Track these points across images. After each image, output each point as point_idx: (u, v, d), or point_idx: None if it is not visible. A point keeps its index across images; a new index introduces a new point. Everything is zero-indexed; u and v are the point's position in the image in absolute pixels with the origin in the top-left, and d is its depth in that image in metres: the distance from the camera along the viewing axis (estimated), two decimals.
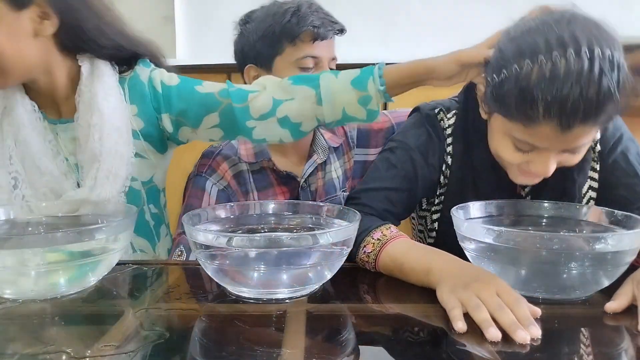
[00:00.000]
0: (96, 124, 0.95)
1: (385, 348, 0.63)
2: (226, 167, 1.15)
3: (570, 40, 0.73)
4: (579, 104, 0.72)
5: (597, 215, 0.85)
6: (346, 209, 0.84)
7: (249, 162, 1.16)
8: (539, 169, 0.82)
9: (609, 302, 0.70)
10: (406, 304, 0.76)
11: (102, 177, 0.96)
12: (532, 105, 0.74)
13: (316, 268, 0.73)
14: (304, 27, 1.10)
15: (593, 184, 0.94)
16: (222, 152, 1.17)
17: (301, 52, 1.12)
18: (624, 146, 0.93)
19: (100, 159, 0.96)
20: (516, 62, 0.76)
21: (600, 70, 0.71)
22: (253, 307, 0.72)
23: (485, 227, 0.75)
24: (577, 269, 0.70)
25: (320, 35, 1.11)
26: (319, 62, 1.13)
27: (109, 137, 0.96)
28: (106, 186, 0.96)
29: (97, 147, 0.95)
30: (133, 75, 1.03)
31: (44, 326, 0.67)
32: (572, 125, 0.74)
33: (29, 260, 0.71)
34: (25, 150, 0.96)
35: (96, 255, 0.76)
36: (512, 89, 0.76)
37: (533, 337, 0.62)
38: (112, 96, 0.98)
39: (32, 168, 0.96)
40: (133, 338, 0.62)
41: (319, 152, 1.20)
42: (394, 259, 0.81)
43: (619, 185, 0.92)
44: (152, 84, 1.02)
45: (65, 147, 1.00)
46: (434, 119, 0.99)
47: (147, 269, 0.89)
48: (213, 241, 0.72)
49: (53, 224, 0.90)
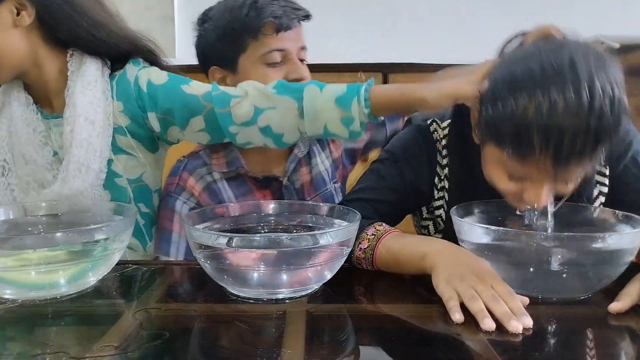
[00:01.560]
0: (69, 116, 0.96)
1: (385, 348, 0.63)
2: (193, 181, 1.08)
3: (569, 73, 0.69)
4: (576, 142, 0.69)
5: (597, 215, 0.85)
6: (346, 209, 0.84)
7: (222, 171, 1.09)
8: (532, 199, 0.79)
9: (613, 303, 0.70)
10: (406, 304, 0.76)
11: (73, 169, 0.95)
12: (528, 141, 0.71)
13: (316, 268, 0.73)
14: (264, 18, 1.01)
15: (603, 189, 0.93)
16: (187, 167, 1.09)
17: (266, 47, 1.03)
18: (635, 151, 0.92)
19: (70, 151, 0.95)
20: (512, 95, 0.72)
21: (600, 109, 0.69)
22: (253, 307, 0.72)
23: (485, 227, 0.75)
24: (577, 269, 0.70)
25: (283, 26, 1.02)
26: (287, 54, 1.05)
27: (81, 129, 0.95)
28: (77, 178, 0.95)
29: (67, 138, 0.96)
30: (122, 73, 1.03)
31: (44, 326, 0.67)
32: (568, 162, 0.72)
33: (29, 260, 0.71)
34: (15, 140, 0.99)
35: (96, 255, 0.76)
36: (507, 123, 0.73)
37: (525, 327, 0.64)
38: (90, 90, 0.98)
39: (19, 157, 0.99)
40: (133, 338, 0.62)
41: (299, 145, 1.12)
42: (390, 251, 0.82)
43: (629, 191, 0.91)
44: (137, 82, 1.01)
45: (56, 141, 1.01)
46: (426, 130, 0.98)
47: (147, 269, 0.89)
48: (213, 241, 0.72)
49: (53, 223, 0.90)
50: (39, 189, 0.98)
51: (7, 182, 0.99)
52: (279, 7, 1.03)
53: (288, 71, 1.05)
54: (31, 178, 0.98)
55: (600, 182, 0.93)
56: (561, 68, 0.70)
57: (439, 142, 0.97)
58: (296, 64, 1.06)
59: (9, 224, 0.87)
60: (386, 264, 0.83)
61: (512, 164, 0.77)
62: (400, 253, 0.81)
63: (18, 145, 0.99)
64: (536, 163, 0.73)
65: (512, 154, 0.75)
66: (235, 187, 1.10)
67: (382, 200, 0.95)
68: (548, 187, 0.79)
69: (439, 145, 0.97)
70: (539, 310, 0.70)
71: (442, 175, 0.97)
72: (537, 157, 0.72)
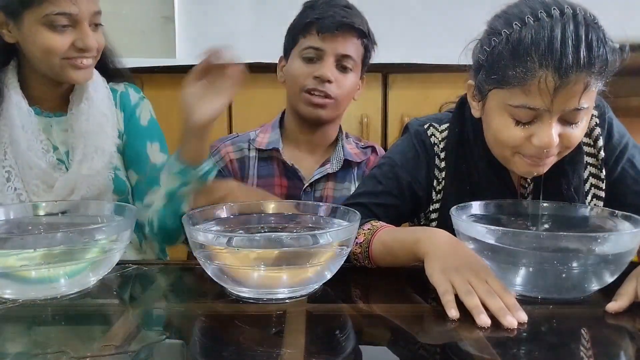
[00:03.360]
0: (84, 107, 1.09)
1: (385, 348, 0.64)
2: (230, 149, 1.21)
3: (554, 4, 0.77)
4: (572, 48, 0.74)
5: (597, 215, 0.85)
6: (346, 209, 0.84)
7: (260, 149, 1.19)
8: (543, 139, 0.79)
9: (611, 303, 0.70)
10: (406, 304, 0.76)
11: (91, 151, 1.08)
12: (527, 57, 0.76)
13: (316, 268, 0.73)
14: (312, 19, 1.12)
15: (599, 193, 0.94)
16: (234, 139, 1.23)
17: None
18: (630, 154, 0.93)
19: (87, 136, 1.08)
20: (505, 28, 0.79)
21: (585, 23, 0.76)
22: (253, 307, 0.72)
23: (485, 227, 0.75)
24: (576, 269, 0.70)
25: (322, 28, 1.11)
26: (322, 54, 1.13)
27: (95, 118, 1.09)
28: (95, 160, 1.08)
29: (84, 126, 1.08)
30: (125, 91, 1.18)
31: (44, 326, 0.67)
32: (568, 72, 0.75)
33: (30, 260, 0.71)
34: (17, 150, 1.05)
35: (96, 255, 0.76)
36: (505, 50, 0.79)
37: (520, 322, 0.65)
38: (99, 90, 1.12)
39: (23, 164, 1.05)
40: (133, 338, 0.62)
41: (333, 163, 1.20)
42: (385, 243, 0.83)
43: (629, 193, 0.92)
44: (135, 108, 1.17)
45: (57, 137, 1.09)
46: (423, 134, 0.99)
47: (147, 269, 0.89)
48: (213, 241, 0.73)
49: (53, 223, 0.90)
50: (49, 189, 1.06)
51: (14, 187, 1.05)
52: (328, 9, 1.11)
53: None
54: (39, 180, 1.06)
55: (595, 186, 0.93)
56: (547, 2, 0.78)
57: (437, 146, 0.97)
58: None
59: (9, 224, 0.88)
60: (381, 255, 0.84)
61: (515, 98, 0.80)
62: (395, 241, 0.83)
63: (21, 154, 1.05)
64: (538, 83, 0.76)
65: (514, 82, 0.78)
66: (264, 167, 1.20)
67: (379, 204, 0.95)
68: (555, 125, 0.80)
69: (436, 149, 0.97)
70: (538, 310, 0.70)
71: (440, 178, 0.97)
72: (538, 72, 0.76)
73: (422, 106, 1.64)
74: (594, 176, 0.94)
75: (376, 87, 1.82)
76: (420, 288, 0.77)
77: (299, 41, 1.15)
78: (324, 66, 1.12)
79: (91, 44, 1.03)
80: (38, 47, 1.01)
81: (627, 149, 0.93)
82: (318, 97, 1.13)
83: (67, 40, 1.01)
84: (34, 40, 1.01)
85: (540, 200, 0.90)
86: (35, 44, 1.01)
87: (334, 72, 1.13)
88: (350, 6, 1.16)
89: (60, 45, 1.00)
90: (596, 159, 0.93)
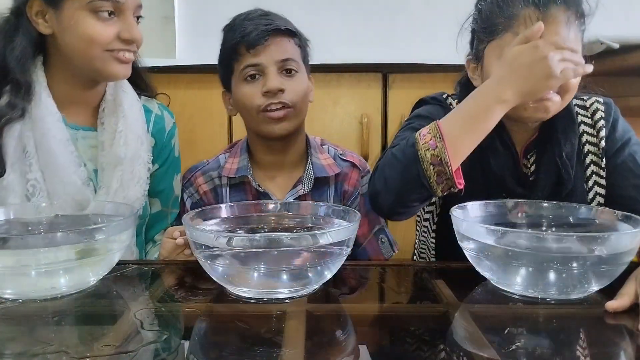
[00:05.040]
0: (121, 130, 1.02)
1: (385, 348, 0.63)
2: (202, 181, 1.17)
3: None
4: None
5: (597, 215, 0.85)
6: (346, 209, 0.84)
7: (229, 176, 1.15)
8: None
9: (610, 301, 0.70)
10: (406, 304, 0.76)
11: (127, 179, 1.03)
12: (510, 3, 0.87)
13: (316, 268, 0.73)
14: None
15: (599, 180, 0.96)
16: (203, 168, 1.19)
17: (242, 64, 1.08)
18: (633, 149, 0.96)
19: (125, 162, 1.02)
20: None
21: None
22: (253, 307, 0.72)
23: (485, 227, 0.75)
24: (577, 269, 0.70)
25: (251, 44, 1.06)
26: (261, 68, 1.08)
27: (133, 142, 1.04)
28: (131, 188, 1.03)
29: (122, 151, 1.02)
30: (160, 115, 1.14)
31: (44, 326, 0.67)
32: (548, 4, 0.84)
33: (29, 260, 0.71)
34: (48, 159, 0.97)
35: (96, 255, 0.76)
36: (491, 4, 0.90)
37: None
38: (135, 107, 1.07)
39: (55, 177, 0.97)
40: (133, 338, 0.62)
41: (305, 183, 1.14)
42: (455, 117, 0.86)
43: (628, 186, 0.95)
44: (171, 138, 1.16)
45: (84, 153, 1.03)
46: (442, 100, 1.03)
47: (147, 269, 0.89)
48: (213, 241, 0.73)
49: (53, 223, 0.90)
50: (77, 206, 0.95)
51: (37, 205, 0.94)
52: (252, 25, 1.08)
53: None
54: (69, 197, 0.97)
55: (596, 174, 0.96)
56: None
57: None
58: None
59: (9, 224, 0.87)
60: (459, 122, 0.84)
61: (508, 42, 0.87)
62: (466, 104, 0.85)
63: (54, 165, 0.97)
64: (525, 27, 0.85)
65: (503, 27, 0.88)
66: (236, 195, 1.16)
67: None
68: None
69: None
70: (539, 310, 0.70)
71: None
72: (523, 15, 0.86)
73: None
74: (595, 164, 0.98)
75: (376, 87, 1.83)
76: (420, 288, 0.77)
77: (233, 67, 1.10)
78: (268, 79, 1.07)
79: (137, 35, 0.98)
80: (80, 37, 0.94)
81: (629, 144, 0.97)
82: (276, 112, 1.08)
83: (112, 30, 0.95)
84: (75, 30, 0.93)
85: (540, 201, 0.90)
86: (76, 34, 0.94)
87: (281, 80, 1.08)
88: (268, 13, 1.12)
89: (106, 35, 0.94)
90: (597, 147, 0.97)
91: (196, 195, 1.18)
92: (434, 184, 0.84)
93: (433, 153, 0.83)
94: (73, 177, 0.98)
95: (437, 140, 0.83)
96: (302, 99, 1.11)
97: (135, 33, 0.97)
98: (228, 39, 1.11)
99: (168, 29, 2.02)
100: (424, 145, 0.84)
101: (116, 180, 1.01)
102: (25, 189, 0.96)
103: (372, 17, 2.03)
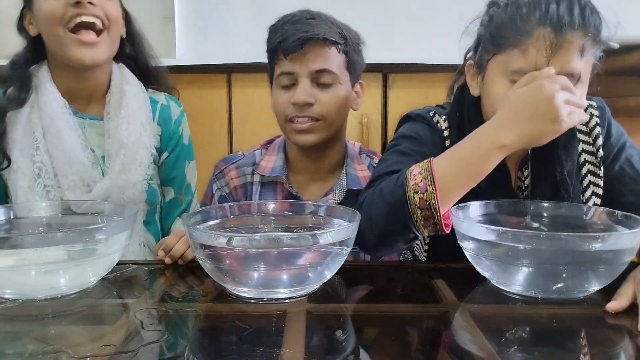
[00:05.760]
0: (124, 116, 1.08)
1: (385, 348, 0.63)
2: (234, 175, 1.15)
3: None
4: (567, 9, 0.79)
5: (597, 215, 0.85)
6: (346, 209, 0.84)
7: (263, 174, 1.13)
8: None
9: (610, 302, 0.70)
10: (406, 303, 0.76)
11: (129, 162, 1.08)
12: (525, 18, 0.81)
13: (316, 268, 0.73)
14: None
15: (597, 190, 0.94)
16: (238, 162, 1.17)
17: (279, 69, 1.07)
18: (628, 153, 0.94)
19: (127, 147, 1.08)
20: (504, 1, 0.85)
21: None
22: (253, 307, 0.72)
23: (485, 226, 0.75)
24: (576, 269, 0.70)
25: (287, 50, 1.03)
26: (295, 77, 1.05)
27: (135, 128, 1.09)
28: (133, 171, 1.08)
29: (124, 135, 1.08)
30: (166, 104, 1.18)
31: (44, 326, 0.67)
32: (564, 29, 0.79)
33: (29, 260, 0.71)
34: (57, 142, 1.03)
35: (96, 255, 0.76)
36: (504, 15, 0.84)
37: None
38: (139, 97, 1.12)
39: (63, 158, 1.04)
40: (133, 338, 0.62)
41: (336, 193, 1.11)
42: (449, 158, 0.83)
43: (627, 192, 0.93)
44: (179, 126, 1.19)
45: (92, 140, 1.09)
46: (429, 119, 0.99)
47: (147, 269, 0.89)
48: (213, 241, 0.73)
49: (53, 223, 0.90)
50: (84, 187, 1.04)
51: (44, 184, 1.03)
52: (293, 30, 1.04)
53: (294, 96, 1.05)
54: (77, 177, 1.04)
55: (594, 184, 0.94)
56: None
57: (442, 131, 0.98)
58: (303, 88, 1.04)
59: (9, 224, 0.88)
60: (452, 169, 0.81)
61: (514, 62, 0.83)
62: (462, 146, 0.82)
63: (61, 146, 1.03)
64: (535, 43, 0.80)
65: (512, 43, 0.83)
66: (266, 194, 1.14)
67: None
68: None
69: (443, 133, 0.98)
70: (539, 310, 0.70)
71: None
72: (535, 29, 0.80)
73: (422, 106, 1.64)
74: (592, 174, 0.94)
75: (376, 87, 1.83)
76: (420, 288, 0.77)
77: (274, 69, 1.09)
78: (298, 90, 1.04)
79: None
80: (42, 18, 1.00)
81: (624, 149, 0.94)
82: (302, 124, 1.05)
83: (61, 2, 0.99)
84: (39, 15, 1.01)
85: (540, 201, 0.90)
86: (40, 17, 1.01)
87: (312, 92, 1.04)
88: (314, 16, 1.06)
89: (55, 8, 0.99)
90: (595, 157, 0.94)
91: (226, 189, 1.15)
92: (420, 227, 0.81)
93: (422, 197, 0.80)
94: (81, 156, 1.04)
95: (428, 183, 0.80)
96: (336, 111, 1.07)
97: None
98: (270, 40, 1.08)
99: (168, 29, 2.02)
100: (413, 186, 0.80)
101: (119, 163, 1.07)
102: (32, 170, 1.02)
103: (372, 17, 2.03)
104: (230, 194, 1.15)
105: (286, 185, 1.12)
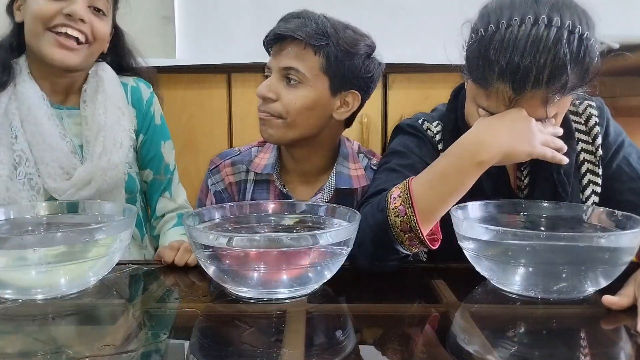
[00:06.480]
0: (101, 101, 1.09)
1: (386, 348, 0.63)
2: (229, 171, 1.14)
3: (532, 8, 0.76)
4: (530, 70, 0.74)
5: (597, 215, 0.85)
6: (346, 209, 0.84)
7: (256, 172, 1.12)
8: None
9: (608, 295, 0.70)
10: (406, 303, 0.76)
11: (110, 144, 1.08)
12: (489, 65, 0.77)
13: (316, 268, 0.73)
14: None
15: (596, 189, 0.94)
16: (234, 158, 1.15)
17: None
18: (626, 152, 0.94)
19: (106, 129, 1.08)
20: (482, 27, 0.80)
21: (556, 39, 0.74)
22: (253, 307, 0.72)
23: (485, 226, 0.75)
24: (576, 269, 0.70)
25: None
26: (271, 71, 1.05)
27: (113, 112, 1.10)
28: (114, 152, 1.08)
29: (102, 119, 1.08)
30: (136, 86, 1.18)
31: (44, 326, 0.67)
32: (523, 90, 0.76)
33: (29, 260, 0.71)
34: (35, 130, 1.03)
35: (96, 255, 0.76)
36: (475, 50, 0.80)
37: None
38: (114, 83, 1.13)
39: (42, 145, 1.03)
40: (133, 338, 0.62)
41: (325, 192, 1.09)
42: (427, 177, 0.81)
43: (624, 190, 0.93)
44: (150, 106, 1.19)
45: (70, 130, 1.09)
46: (419, 128, 0.99)
47: (147, 269, 0.89)
48: (213, 241, 0.73)
49: (53, 223, 0.90)
50: (65, 175, 1.04)
51: (25, 172, 1.03)
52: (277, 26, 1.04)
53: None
54: (57, 164, 1.04)
55: (593, 182, 0.94)
56: (527, 3, 0.77)
57: (434, 138, 0.98)
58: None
59: (9, 224, 0.87)
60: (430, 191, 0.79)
61: (479, 97, 0.83)
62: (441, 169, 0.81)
63: (39, 134, 1.03)
64: (496, 92, 0.79)
65: (478, 82, 0.81)
66: (259, 192, 1.13)
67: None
68: None
69: (434, 141, 0.98)
70: (538, 310, 0.70)
71: None
72: (496, 83, 0.78)
73: (422, 106, 1.64)
74: (591, 172, 0.94)
75: (376, 87, 1.82)
76: (420, 288, 0.77)
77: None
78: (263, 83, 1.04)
79: (77, 9, 1.00)
80: (29, 16, 1.01)
81: (622, 147, 0.94)
82: (261, 115, 1.05)
83: (54, 6, 0.99)
84: (27, 10, 1.01)
85: (540, 201, 0.90)
86: (27, 13, 1.01)
87: (276, 88, 1.02)
88: (300, 16, 1.03)
89: (47, 9, 0.99)
90: (594, 156, 0.94)
91: (221, 184, 1.14)
92: (407, 247, 0.81)
93: (402, 220, 0.79)
94: (60, 144, 1.04)
95: (407, 206, 0.78)
96: (297, 111, 1.02)
97: (76, 8, 1.00)
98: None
99: (168, 29, 2.02)
100: (394, 210, 0.80)
101: (99, 145, 1.07)
102: (12, 158, 1.02)
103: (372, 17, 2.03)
104: (225, 190, 1.14)
105: (277, 183, 1.11)
